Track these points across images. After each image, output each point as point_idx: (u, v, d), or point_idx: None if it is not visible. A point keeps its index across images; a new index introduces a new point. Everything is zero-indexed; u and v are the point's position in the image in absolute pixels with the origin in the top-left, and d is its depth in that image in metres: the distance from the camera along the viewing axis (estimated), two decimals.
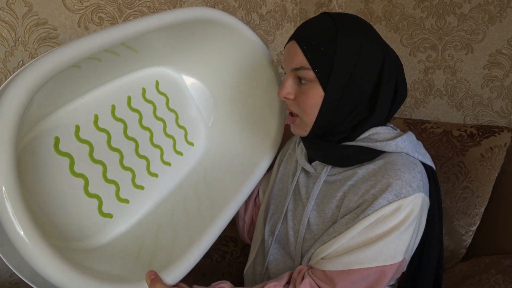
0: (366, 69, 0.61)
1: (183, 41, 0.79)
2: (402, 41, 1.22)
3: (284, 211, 0.72)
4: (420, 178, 0.60)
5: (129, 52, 0.70)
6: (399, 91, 0.65)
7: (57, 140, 0.65)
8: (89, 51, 0.54)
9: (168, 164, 0.83)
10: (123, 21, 0.95)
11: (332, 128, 0.65)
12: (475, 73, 1.08)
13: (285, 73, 0.68)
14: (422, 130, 1.05)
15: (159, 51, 0.79)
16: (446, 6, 1.11)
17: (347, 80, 0.61)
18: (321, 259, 0.61)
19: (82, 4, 0.88)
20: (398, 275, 0.66)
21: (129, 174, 0.75)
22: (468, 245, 0.90)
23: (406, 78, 1.22)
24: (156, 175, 0.80)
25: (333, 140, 0.66)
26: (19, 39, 0.80)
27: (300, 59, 0.62)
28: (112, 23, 0.93)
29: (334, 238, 0.60)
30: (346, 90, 0.61)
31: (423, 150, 0.66)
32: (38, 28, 0.82)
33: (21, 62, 0.81)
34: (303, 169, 0.73)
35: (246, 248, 1.18)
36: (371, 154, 0.64)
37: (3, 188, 0.43)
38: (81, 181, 0.68)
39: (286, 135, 0.89)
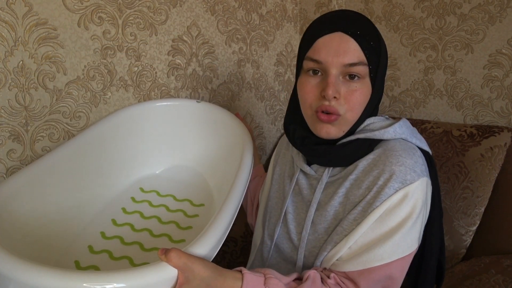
0: (386, 66, 0.64)
1: (129, 147, 0.90)
2: (402, 41, 1.22)
3: (283, 214, 0.70)
4: (422, 163, 0.60)
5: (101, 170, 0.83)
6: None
7: (77, 263, 0.72)
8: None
9: (189, 227, 0.85)
10: (122, 21, 0.95)
11: (356, 127, 0.65)
12: (475, 73, 1.08)
13: (309, 70, 0.63)
14: (422, 130, 1.05)
15: (121, 167, 0.89)
16: (446, 6, 1.11)
17: (383, 78, 0.63)
18: (337, 260, 0.60)
19: (82, 4, 0.88)
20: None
21: (154, 252, 0.79)
22: (468, 245, 0.90)
23: (406, 78, 1.23)
24: (183, 240, 0.81)
25: (332, 144, 0.65)
26: (19, 39, 0.80)
27: (358, 53, 0.58)
28: (112, 23, 0.93)
29: (346, 237, 0.59)
30: (381, 87, 0.63)
31: (419, 135, 0.66)
32: (38, 28, 0.82)
33: (21, 62, 0.81)
34: (302, 171, 0.71)
35: (246, 248, 1.18)
36: (370, 145, 0.63)
37: None
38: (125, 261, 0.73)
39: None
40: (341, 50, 0.58)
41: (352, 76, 0.59)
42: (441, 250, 0.67)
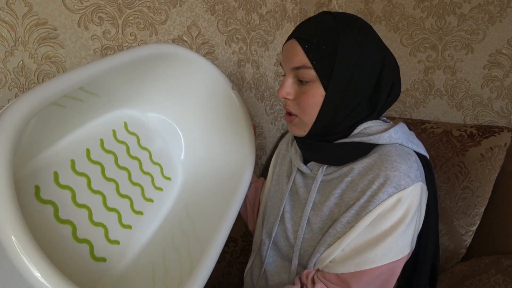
0: (366, 69, 0.61)
1: (142, 81, 0.82)
2: (402, 41, 1.22)
3: (280, 213, 0.71)
4: (417, 168, 0.60)
5: (93, 97, 0.72)
6: (392, 92, 0.65)
7: (37, 188, 0.64)
8: (55, 94, 0.54)
9: (151, 200, 0.83)
10: (122, 21, 0.95)
11: (331, 128, 0.65)
12: (475, 73, 1.08)
13: (284, 75, 0.68)
14: (422, 130, 1.05)
15: (120, 94, 0.81)
16: (446, 6, 1.11)
17: (348, 80, 0.61)
18: (330, 262, 0.61)
19: (82, 4, 0.88)
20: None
21: (114, 215, 0.74)
22: (468, 245, 0.90)
23: (406, 78, 1.23)
24: (141, 213, 0.80)
25: (330, 140, 0.66)
26: (19, 39, 0.80)
27: (301, 58, 0.61)
28: (112, 23, 0.93)
29: (339, 239, 0.60)
30: (347, 89, 0.61)
31: (416, 140, 0.66)
32: (38, 28, 0.82)
33: (21, 62, 0.81)
34: (299, 170, 0.73)
35: (246, 248, 1.18)
36: (365, 149, 0.64)
37: (13, 238, 0.41)
38: (68, 228, 0.66)
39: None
40: (289, 56, 0.63)
41: (302, 79, 0.63)
42: (435, 254, 0.67)
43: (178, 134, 0.95)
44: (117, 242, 0.73)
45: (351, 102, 0.62)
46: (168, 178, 0.89)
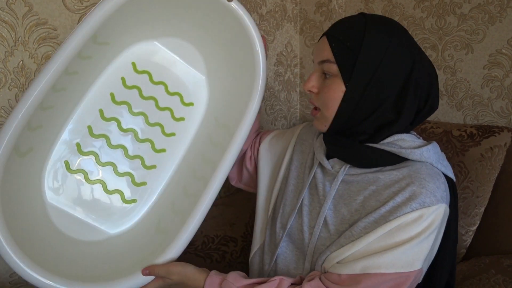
0: (391, 70, 0.61)
1: (144, 8, 0.76)
2: None
3: (298, 205, 0.71)
4: (444, 189, 0.60)
5: (102, 46, 0.76)
6: (429, 101, 0.65)
7: (67, 163, 0.79)
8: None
9: (172, 134, 0.87)
10: None
11: (352, 126, 0.65)
12: (475, 73, 1.08)
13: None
14: (422, 130, 1.05)
15: (129, 25, 0.76)
16: (446, 6, 1.11)
17: (370, 78, 0.61)
18: (337, 263, 0.61)
19: (82, 4, 0.88)
20: (414, 286, 0.63)
21: (138, 161, 0.84)
22: (468, 245, 0.90)
23: None
24: (164, 150, 0.86)
25: (355, 140, 0.66)
26: (19, 39, 0.80)
27: (327, 52, 0.64)
28: None
29: (352, 242, 0.60)
30: (368, 88, 0.62)
31: (446, 162, 0.66)
32: (38, 28, 0.82)
33: (21, 62, 0.81)
34: (320, 164, 0.72)
35: (246, 248, 1.18)
36: (394, 160, 0.64)
37: None
38: (99, 186, 0.81)
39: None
40: (318, 50, 0.67)
41: (326, 74, 0.65)
42: (451, 274, 0.67)
43: (195, 53, 0.88)
44: (144, 184, 0.85)
45: (373, 102, 0.62)
46: (191, 104, 0.88)
